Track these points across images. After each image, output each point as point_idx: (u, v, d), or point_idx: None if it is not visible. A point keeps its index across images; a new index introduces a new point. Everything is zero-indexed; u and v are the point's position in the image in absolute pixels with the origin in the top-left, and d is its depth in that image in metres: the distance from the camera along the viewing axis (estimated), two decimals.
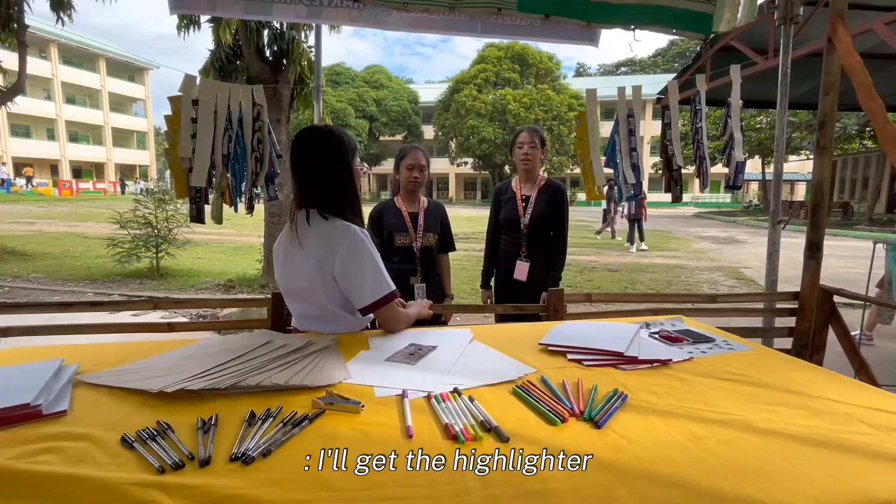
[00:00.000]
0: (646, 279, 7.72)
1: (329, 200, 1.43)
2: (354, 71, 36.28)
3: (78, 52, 36.13)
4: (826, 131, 2.03)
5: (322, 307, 1.45)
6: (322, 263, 1.40)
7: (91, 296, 6.17)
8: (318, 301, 1.44)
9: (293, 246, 1.44)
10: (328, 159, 1.42)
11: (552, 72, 31.38)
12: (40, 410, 0.92)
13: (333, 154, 1.43)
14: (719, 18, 2.42)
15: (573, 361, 1.29)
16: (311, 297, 1.45)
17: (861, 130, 19.21)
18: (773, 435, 0.91)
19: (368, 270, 1.39)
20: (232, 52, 6.50)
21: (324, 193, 1.43)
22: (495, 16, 2.34)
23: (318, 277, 1.41)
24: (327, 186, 1.43)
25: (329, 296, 1.43)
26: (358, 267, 1.38)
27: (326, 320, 1.48)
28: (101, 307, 1.95)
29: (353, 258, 1.38)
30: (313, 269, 1.41)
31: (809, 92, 4.95)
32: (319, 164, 1.42)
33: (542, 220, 2.54)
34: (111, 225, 7.62)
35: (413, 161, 2.39)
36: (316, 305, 1.46)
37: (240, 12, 2.44)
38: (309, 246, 1.41)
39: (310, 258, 1.41)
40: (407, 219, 2.41)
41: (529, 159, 2.53)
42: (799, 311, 2.18)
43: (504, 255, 2.65)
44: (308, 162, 1.42)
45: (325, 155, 1.42)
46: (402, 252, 2.39)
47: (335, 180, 1.43)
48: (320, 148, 1.43)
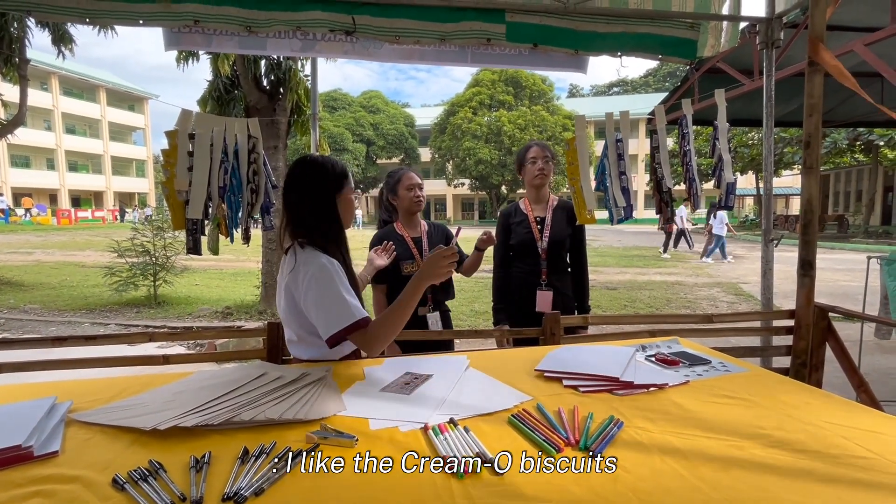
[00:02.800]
0: (644, 296, 7.71)
1: (307, 230, 1.44)
2: (351, 96, 36.92)
3: (78, 83, 36.75)
4: (812, 151, 2.06)
5: (298, 334, 1.46)
6: (291, 292, 1.40)
7: (87, 326, 6.13)
8: (294, 327, 1.46)
9: (280, 274, 1.47)
10: (307, 190, 1.44)
11: (545, 93, 31.95)
12: (31, 452, 0.92)
13: (312, 184, 1.44)
14: (703, 44, 2.49)
15: (569, 388, 1.29)
16: (289, 323, 1.48)
17: (852, 144, 19.50)
18: (770, 460, 0.91)
19: (328, 301, 1.33)
20: (230, 82, 6.62)
21: (302, 223, 1.45)
22: (485, 46, 2.41)
23: (291, 305, 1.42)
24: (305, 216, 1.44)
25: (301, 323, 1.43)
26: (318, 297, 1.34)
27: (305, 346, 1.48)
28: (95, 342, 1.94)
29: (312, 288, 1.35)
30: (286, 296, 1.43)
31: (798, 110, 5.05)
32: (299, 194, 1.44)
33: (562, 243, 2.37)
34: (109, 253, 7.62)
35: (411, 181, 2.28)
36: (294, 331, 1.47)
37: (234, 48, 2.50)
38: (283, 275, 1.43)
39: (281, 286, 1.43)
40: (411, 245, 2.27)
41: (545, 174, 2.37)
42: (795, 330, 2.18)
43: (519, 284, 2.41)
44: (289, 193, 1.46)
45: (304, 185, 1.44)
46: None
47: (312, 210, 1.44)
48: (300, 179, 1.45)
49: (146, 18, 2.13)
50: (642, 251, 15.49)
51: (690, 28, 2.55)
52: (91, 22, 2.16)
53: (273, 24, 2.21)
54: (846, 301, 6.56)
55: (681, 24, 2.54)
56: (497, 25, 2.37)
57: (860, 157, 21.35)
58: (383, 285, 2.29)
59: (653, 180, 2.30)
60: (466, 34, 2.36)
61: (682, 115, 2.26)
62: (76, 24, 6.03)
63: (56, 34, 8.13)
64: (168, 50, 2.36)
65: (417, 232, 2.34)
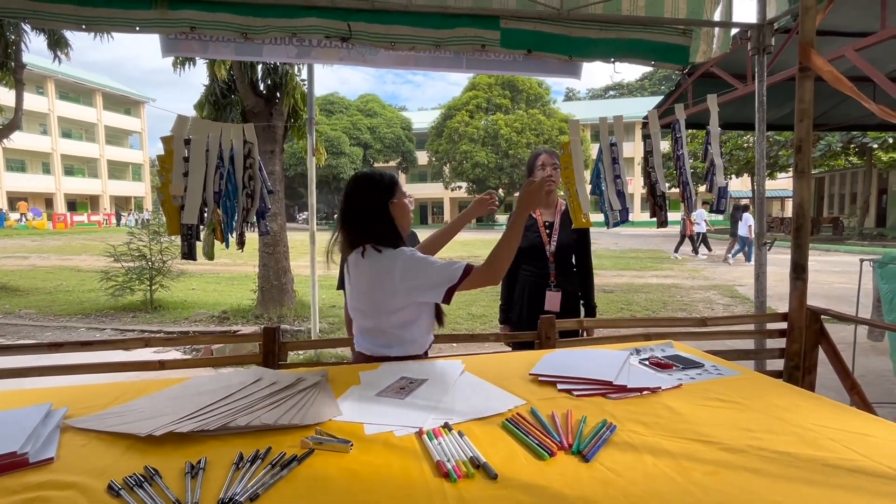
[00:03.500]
0: (641, 299, 7.74)
1: (375, 235, 1.57)
2: (348, 100, 36.99)
3: (75, 87, 36.68)
4: (803, 155, 2.08)
5: (387, 330, 1.58)
6: (381, 285, 1.52)
7: (83, 331, 6.11)
8: (385, 324, 1.57)
9: (350, 275, 1.60)
10: (363, 202, 1.58)
11: (542, 97, 32.07)
12: (27, 459, 0.92)
13: (366, 196, 1.58)
14: (695, 50, 2.52)
15: (563, 392, 1.30)
16: (379, 322, 1.58)
17: (846, 147, 19.64)
18: (759, 463, 0.92)
19: (432, 265, 1.49)
20: (226, 87, 6.64)
21: (365, 232, 1.57)
22: (479, 52, 2.43)
23: (377, 299, 1.53)
24: (366, 225, 1.57)
25: (392, 321, 1.56)
26: (422, 263, 1.50)
27: (385, 340, 1.59)
28: (91, 347, 1.94)
29: (413, 263, 1.50)
30: (371, 291, 1.54)
31: (791, 114, 5.06)
32: (356, 207, 1.58)
33: (569, 247, 2.44)
34: (105, 258, 7.60)
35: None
36: (385, 328, 1.58)
37: (231, 54, 2.51)
38: (361, 274, 1.55)
39: (362, 284, 1.56)
40: None
41: (553, 181, 2.42)
42: (788, 333, 2.19)
43: (527, 286, 2.49)
44: (348, 208, 1.60)
45: (359, 199, 1.59)
46: None
47: (375, 218, 1.57)
48: (355, 194, 1.59)
49: (142, 25, 2.15)
50: (638, 254, 15.54)
51: (683, 34, 2.58)
52: (87, 28, 2.17)
53: (269, 30, 2.23)
54: (841, 303, 6.60)
55: (673, 30, 2.57)
56: (491, 32, 2.40)
57: (854, 159, 21.48)
58: None
59: (647, 184, 2.32)
60: (461, 40, 2.37)
61: (676, 120, 2.29)
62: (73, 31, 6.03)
63: (52, 38, 8.13)
64: (165, 56, 2.37)
65: None
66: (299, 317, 6.36)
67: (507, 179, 30.80)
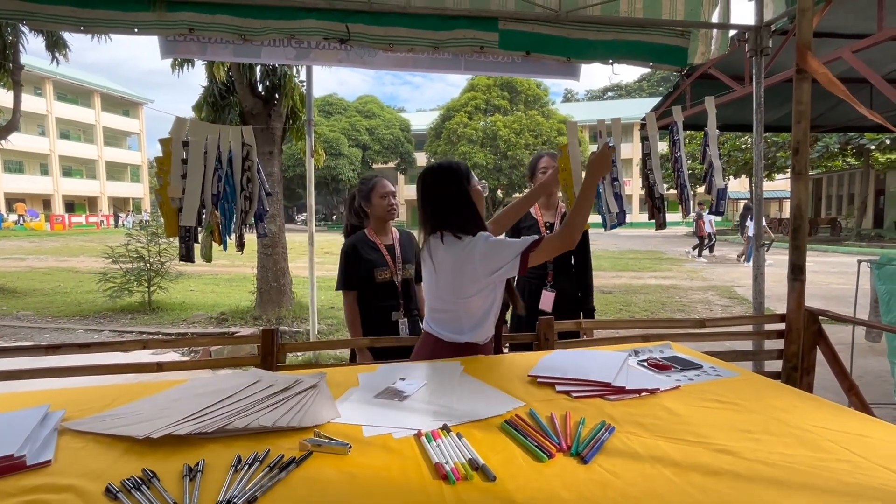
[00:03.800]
0: (640, 300, 7.75)
1: (455, 223, 1.64)
2: (347, 101, 36.98)
3: (73, 88, 36.63)
4: (801, 157, 2.09)
5: (464, 317, 1.65)
6: (462, 270, 1.59)
7: (81, 332, 6.09)
8: (462, 311, 1.64)
9: (429, 262, 1.68)
10: (444, 191, 1.66)
11: (540, 98, 32.08)
12: (24, 461, 0.92)
13: (447, 185, 1.66)
14: (693, 51, 2.53)
15: (562, 393, 1.30)
16: (457, 306, 1.65)
17: (843, 148, 19.70)
18: (758, 465, 0.92)
19: (509, 243, 1.58)
20: (225, 88, 6.63)
21: (450, 219, 1.65)
22: (478, 54, 2.44)
23: (458, 283, 1.60)
24: (450, 213, 1.65)
25: (471, 306, 1.63)
26: (498, 245, 1.58)
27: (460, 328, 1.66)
28: (89, 349, 1.94)
29: (491, 246, 1.57)
30: (452, 276, 1.61)
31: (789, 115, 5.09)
32: (437, 196, 1.67)
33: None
34: (103, 259, 7.59)
35: (384, 189, 2.30)
36: (460, 314, 1.65)
37: (229, 56, 2.51)
38: (443, 259, 1.62)
39: (444, 270, 1.62)
40: (385, 252, 2.29)
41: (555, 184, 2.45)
42: (786, 334, 2.20)
43: (525, 285, 2.54)
44: (428, 197, 1.68)
45: (440, 188, 1.67)
46: (384, 288, 2.28)
47: (455, 206, 1.65)
48: (435, 184, 1.67)
49: (141, 27, 2.14)
50: (637, 255, 15.56)
51: (681, 36, 2.59)
52: (86, 30, 2.17)
53: (268, 32, 2.23)
54: (839, 304, 6.62)
55: (671, 31, 2.58)
56: (490, 33, 2.40)
57: (852, 160, 21.56)
58: (354, 292, 2.29)
59: (645, 186, 2.33)
60: (460, 42, 2.38)
61: (674, 122, 2.29)
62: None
63: (50, 40, 8.11)
64: (164, 58, 2.37)
65: (390, 239, 2.36)
66: (298, 318, 6.35)
67: (505, 181, 30.80)
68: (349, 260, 2.27)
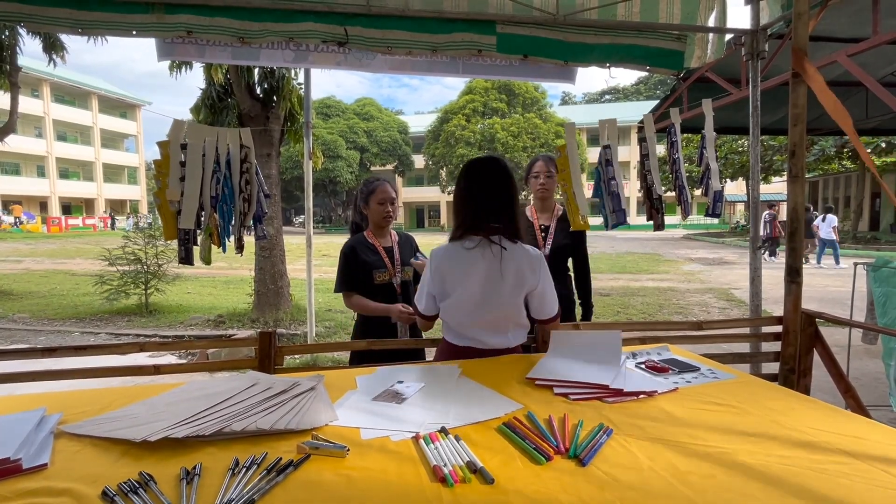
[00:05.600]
0: (637, 303, 7.76)
1: (512, 227, 1.61)
2: (345, 104, 37.02)
3: (70, 90, 36.57)
4: (797, 160, 2.10)
5: (507, 319, 1.64)
6: (523, 282, 1.59)
7: (77, 335, 6.07)
8: (513, 317, 1.64)
9: (491, 269, 1.58)
10: (506, 189, 1.60)
11: (538, 101, 32.18)
12: (20, 465, 0.91)
13: (508, 184, 1.61)
14: (690, 55, 2.54)
15: (560, 395, 1.30)
16: (507, 312, 1.63)
17: (839, 151, 19.80)
18: (755, 467, 0.92)
19: (551, 290, 1.64)
20: (223, 90, 6.63)
21: (509, 221, 1.60)
22: (476, 57, 2.44)
23: (516, 294, 1.60)
24: (508, 214, 1.60)
25: (518, 313, 1.64)
26: (549, 287, 1.63)
27: (505, 334, 1.66)
28: (85, 352, 1.93)
29: (547, 279, 1.62)
30: (514, 287, 1.59)
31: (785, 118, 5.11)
32: (514, 197, 1.62)
33: (564, 250, 2.48)
34: (100, 261, 7.56)
35: (384, 195, 2.29)
36: (504, 317, 1.63)
37: (227, 58, 2.51)
38: (507, 265, 1.57)
39: (509, 278, 1.58)
40: (383, 254, 2.29)
41: (547, 189, 2.49)
42: (783, 336, 2.20)
43: None
44: (504, 195, 1.60)
45: (502, 184, 1.60)
46: (383, 290, 2.28)
47: (510, 209, 1.61)
48: (498, 178, 1.60)
49: (139, 29, 2.14)
50: (635, 257, 15.59)
51: (677, 39, 2.60)
52: (84, 32, 2.17)
53: (266, 34, 2.23)
54: (836, 306, 6.64)
55: (668, 35, 2.59)
56: (488, 37, 2.41)
57: (848, 163, 21.65)
58: (354, 293, 2.29)
59: (643, 187, 2.34)
60: (458, 45, 2.39)
61: (671, 124, 2.30)
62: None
63: (47, 42, 8.11)
64: (161, 60, 2.37)
65: (389, 242, 2.36)
66: (295, 321, 6.34)
67: None
68: (348, 262, 2.28)
